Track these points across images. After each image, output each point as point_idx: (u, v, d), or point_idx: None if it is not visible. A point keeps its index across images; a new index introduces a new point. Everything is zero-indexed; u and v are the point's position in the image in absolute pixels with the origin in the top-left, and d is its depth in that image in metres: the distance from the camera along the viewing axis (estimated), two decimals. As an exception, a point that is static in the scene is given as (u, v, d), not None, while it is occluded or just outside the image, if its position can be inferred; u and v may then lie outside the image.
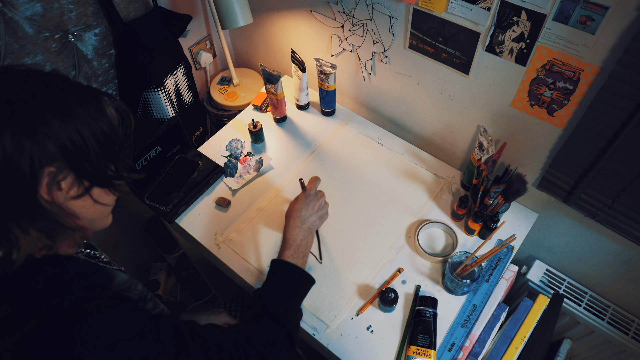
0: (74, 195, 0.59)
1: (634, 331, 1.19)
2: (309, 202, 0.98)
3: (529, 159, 1.11)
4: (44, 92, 0.56)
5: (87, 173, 0.59)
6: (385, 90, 1.30)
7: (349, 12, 1.17)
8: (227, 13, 1.23)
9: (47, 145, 0.53)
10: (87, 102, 0.58)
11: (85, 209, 0.62)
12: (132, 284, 0.71)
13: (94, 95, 0.60)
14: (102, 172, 0.61)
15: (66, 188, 0.58)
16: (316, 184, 1.02)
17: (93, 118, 0.58)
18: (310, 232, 0.97)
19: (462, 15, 0.95)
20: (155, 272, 1.96)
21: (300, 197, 1.00)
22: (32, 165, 0.53)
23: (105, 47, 1.21)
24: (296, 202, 0.99)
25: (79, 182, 0.59)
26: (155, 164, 1.20)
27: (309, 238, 0.96)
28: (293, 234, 0.94)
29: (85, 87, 0.61)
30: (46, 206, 0.56)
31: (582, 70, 0.86)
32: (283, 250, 0.93)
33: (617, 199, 0.96)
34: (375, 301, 1.04)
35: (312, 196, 1.00)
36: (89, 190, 0.60)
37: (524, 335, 1.05)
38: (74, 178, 0.58)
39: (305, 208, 0.97)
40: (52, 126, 0.54)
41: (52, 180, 0.55)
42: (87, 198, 0.61)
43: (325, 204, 1.02)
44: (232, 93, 1.59)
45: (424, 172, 1.27)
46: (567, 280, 1.28)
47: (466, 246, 1.13)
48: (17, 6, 0.99)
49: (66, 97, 0.57)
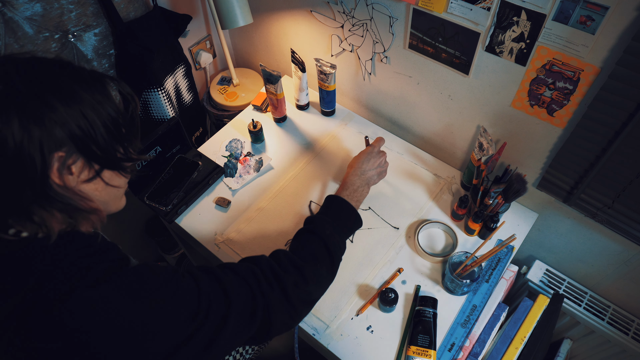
0: (85, 179, 0.60)
1: (634, 331, 1.19)
2: (371, 157, 1.06)
3: (529, 159, 1.11)
4: (48, 78, 0.56)
5: (96, 156, 0.59)
6: (385, 90, 1.30)
7: (348, 12, 1.17)
8: (227, 13, 1.23)
9: (55, 130, 0.54)
10: (91, 86, 0.59)
11: (98, 192, 0.63)
12: None
13: (98, 79, 0.61)
14: (111, 154, 0.61)
15: (77, 172, 0.58)
16: (380, 144, 1.10)
17: (98, 102, 0.58)
18: (367, 184, 1.04)
19: (462, 15, 0.95)
20: (155, 272, 1.96)
21: (365, 151, 1.08)
22: (42, 151, 0.53)
23: (105, 47, 1.21)
24: (360, 156, 1.07)
25: (89, 166, 0.59)
26: (155, 164, 1.20)
27: (364, 188, 1.03)
28: (353, 179, 1.02)
29: (89, 71, 0.61)
30: (59, 190, 0.57)
31: (582, 70, 0.86)
32: (340, 191, 1.00)
33: (617, 199, 0.96)
34: (375, 301, 1.04)
35: (375, 153, 1.07)
36: (99, 173, 0.61)
37: (524, 335, 1.05)
38: (84, 162, 0.59)
39: (367, 162, 1.05)
40: (58, 111, 0.54)
41: (62, 165, 0.56)
42: (98, 181, 0.62)
43: (385, 162, 1.10)
44: (232, 93, 1.59)
45: (424, 172, 1.27)
46: (567, 280, 1.28)
47: (466, 246, 1.13)
48: (17, 6, 0.99)
49: (70, 82, 0.57)
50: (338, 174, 1.27)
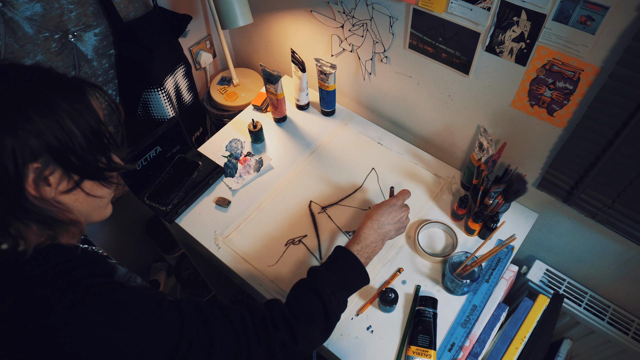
0: (64, 190, 0.58)
1: (634, 331, 1.19)
2: (392, 211, 0.98)
3: (529, 159, 1.11)
4: (25, 87, 0.55)
5: (76, 167, 0.58)
6: (385, 90, 1.30)
7: (349, 12, 1.17)
8: (227, 13, 1.23)
9: (30, 141, 0.52)
10: (70, 96, 0.57)
11: (79, 203, 0.61)
12: (131, 277, 0.71)
13: (78, 87, 0.59)
14: (91, 165, 0.59)
15: (55, 183, 0.57)
16: (405, 197, 1.02)
17: (78, 112, 0.57)
18: (382, 239, 0.96)
19: (462, 15, 0.95)
20: (155, 272, 1.97)
21: (386, 202, 0.99)
22: (16, 162, 0.52)
23: (105, 47, 1.21)
24: (380, 206, 0.98)
25: (68, 177, 0.58)
26: (155, 164, 1.20)
27: (378, 243, 0.95)
28: (367, 232, 0.94)
29: (69, 79, 0.59)
30: (35, 202, 0.55)
31: (582, 70, 0.86)
32: (351, 244, 0.93)
33: (617, 199, 0.96)
34: (375, 301, 1.04)
35: (397, 207, 0.99)
36: (79, 184, 0.59)
37: (524, 335, 1.05)
38: (62, 172, 0.57)
39: (387, 215, 0.97)
40: (33, 122, 0.52)
41: (38, 176, 0.54)
42: (78, 192, 0.60)
43: (406, 219, 1.01)
44: (232, 93, 1.59)
45: (424, 172, 1.27)
46: (567, 280, 1.28)
47: (466, 246, 1.13)
48: (17, 6, 0.99)
49: (48, 92, 0.55)
50: (338, 174, 1.27)
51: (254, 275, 1.09)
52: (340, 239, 1.14)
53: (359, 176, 1.26)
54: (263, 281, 1.08)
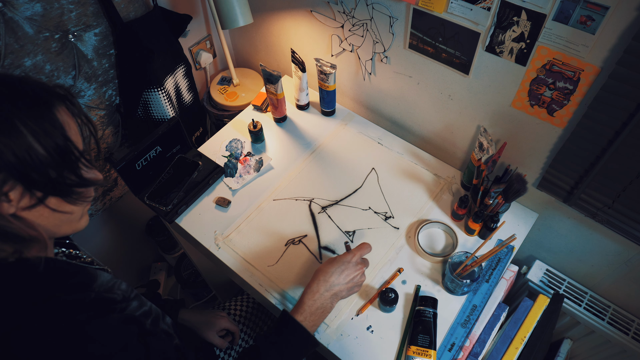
0: (25, 206, 0.56)
1: (634, 331, 1.19)
2: (345, 269, 0.89)
3: (529, 159, 1.11)
4: None
5: (38, 184, 0.55)
6: (385, 90, 1.30)
7: (349, 12, 1.17)
8: (227, 13, 1.23)
9: None
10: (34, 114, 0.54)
11: (44, 218, 0.58)
12: (115, 284, 0.69)
13: (45, 102, 0.56)
14: (57, 182, 0.57)
15: (15, 199, 0.54)
16: (362, 252, 0.93)
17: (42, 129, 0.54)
18: (332, 301, 0.89)
19: (462, 15, 0.95)
20: (155, 272, 1.97)
21: (339, 259, 0.90)
22: None
23: (105, 47, 1.21)
24: (332, 264, 0.90)
25: (30, 193, 0.55)
26: (155, 164, 1.20)
27: (327, 307, 0.88)
28: (311, 299, 0.87)
29: (36, 93, 0.57)
30: None
31: (582, 70, 0.86)
32: (296, 310, 0.87)
33: (617, 199, 0.96)
34: (376, 301, 1.04)
35: (352, 264, 0.90)
36: (43, 200, 0.56)
37: (524, 335, 1.05)
38: (23, 189, 0.54)
39: (338, 275, 0.89)
40: None
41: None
42: (42, 208, 0.57)
43: (361, 277, 0.92)
44: (232, 93, 1.59)
45: (424, 172, 1.27)
46: (567, 280, 1.28)
47: (466, 246, 1.13)
48: (17, 6, 0.99)
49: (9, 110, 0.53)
50: (338, 174, 1.27)
51: (254, 275, 1.09)
52: (340, 238, 1.14)
53: (359, 176, 1.26)
54: (263, 281, 1.08)
